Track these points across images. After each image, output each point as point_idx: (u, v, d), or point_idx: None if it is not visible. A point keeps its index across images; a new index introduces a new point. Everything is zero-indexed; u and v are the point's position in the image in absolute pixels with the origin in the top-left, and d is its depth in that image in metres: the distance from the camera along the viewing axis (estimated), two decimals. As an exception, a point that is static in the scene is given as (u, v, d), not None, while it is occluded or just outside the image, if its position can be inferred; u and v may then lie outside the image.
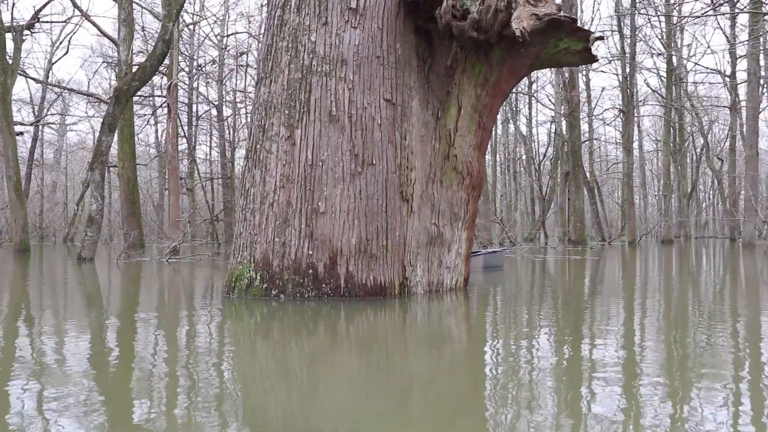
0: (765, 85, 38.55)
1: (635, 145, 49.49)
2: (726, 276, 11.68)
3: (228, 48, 38.29)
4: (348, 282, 6.90)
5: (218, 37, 38.65)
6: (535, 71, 19.35)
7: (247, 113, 42.96)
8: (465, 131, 8.01)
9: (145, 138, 43.75)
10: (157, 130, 42.67)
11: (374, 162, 7.04)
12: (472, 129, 8.08)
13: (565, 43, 8.14)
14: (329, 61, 7.07)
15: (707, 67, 39.22)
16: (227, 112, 41.76)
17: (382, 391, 3.38)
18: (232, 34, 32.72)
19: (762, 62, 37.89)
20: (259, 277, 6.99)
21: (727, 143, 47.64)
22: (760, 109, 39.81)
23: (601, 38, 8.27)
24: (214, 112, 40.94)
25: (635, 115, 33.80)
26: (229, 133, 42.61)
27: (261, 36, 8.53)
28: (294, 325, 5.56)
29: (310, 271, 6.86)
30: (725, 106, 42.68)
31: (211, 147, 44.25)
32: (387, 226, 7.08)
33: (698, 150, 48.69)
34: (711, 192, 62.14)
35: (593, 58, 8.37)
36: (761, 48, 25.12)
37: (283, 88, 7.17)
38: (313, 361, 4.16)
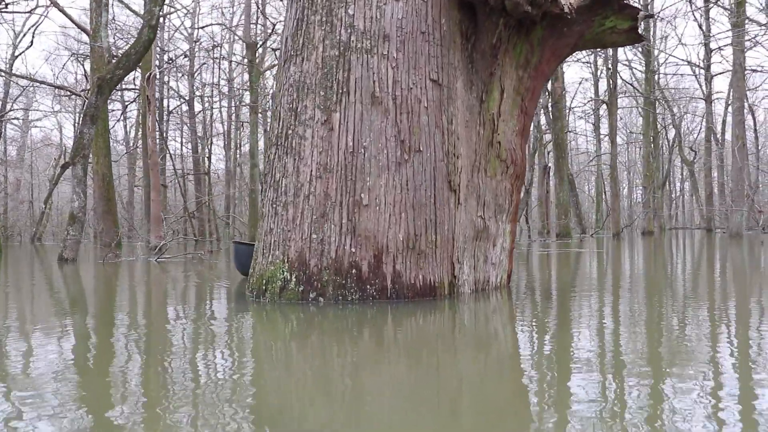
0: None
1: (606, 138, 49.71)
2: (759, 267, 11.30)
3: (200, 41, 37.08)
4: (395, 282, 6.20)
5: (189, 30, 37.40)
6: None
7: (221, 108, 41.88)
8: (508, 116, 7.37)
9: (114, 134, 42.18)
10: (125, 126, 41.16)
11: (421, 149, 6.35)
12: (514, 114, 7.45)
13: (611, 22, 7.57)
14: (370, 36, 6.34)
15: (683, 59, 39.35)
16: (198, 107, 40.57)
17: (443, 417, 2.71)
18: (206, 26, 31.53)
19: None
20: (294, 279, 6.23)
21: (701, 135, 48.22)
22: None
23: (651, 16, 7.74)
24: (185, 107, 39.71)
25: (617, 106, 33.68)
26: (202, 129, 41.41)
27: (285, 8, 7.73)
28: (336, 333, 4.88)
29: (353, 270, 6.14)
30: (700, 98, 43.00)
31: (182, 143, 42.90)
32: (436, 219, 6.40)
33: (670, 142, 49.05)
34: (680, 183, 62.91)
35: (640, 38, 7.81)
36: (746, 39, 25.06)
37: (317, 67, 6.42)
38: (357, 374, 3.60)
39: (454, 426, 2.61)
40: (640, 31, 7.71)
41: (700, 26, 38.07)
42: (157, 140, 21.83)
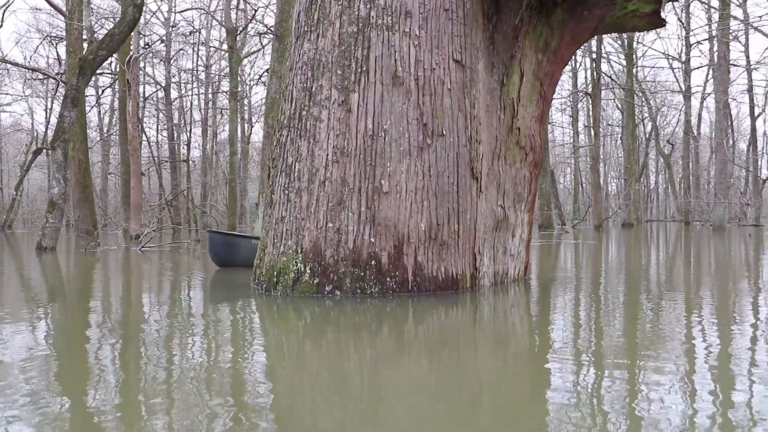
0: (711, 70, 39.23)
1: (583, 130, 49.88)
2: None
3: (177, 26, 36.12)
4: (416, 274, 5.84)
5: (166, 15, 36.42)
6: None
7: (199, 94, 40.94)
8: (527, 101, 7.05)
9: (86, 120, 40.99)
10: (99, 112, 40.04)
11: (444, 133, 5.98)
12: (533, 99, 7.12)
13: (633, 5, 7.28)
14: (391, 12, 5.94)
15: (663, 53, 39.49)
16: (174, 94, 39.60)
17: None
18: (184, 11, 30.63)
19: (716, 48, 38.56)
20: (308, 271, 5.83)
21: (677, 128, 48.60)
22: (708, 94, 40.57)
23: (674, -2, 7.43)
24: (160, 94, 38.72)
25: (601, 98, 33.66)
26: (178, 116, 40.45)
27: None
28: (354, 329, 4.54)
29: (373, 262, 5.77)
30: (676, 91, 43.27)
31: (158, 130, 41.88)
32: (458, 208, 6.05)
33: (647, 135, 49.36)
34: (654, 176, 63.51)
35: (661, 22, 7.52)
36: (731, 32, 25.13)
37: (333, 44, 6.00)
38: (375, 374, 3.34)
39: None
40: (662, 15, 7.43)
41: (680, 20, 38.21)
42: (137, 125, 21.11)
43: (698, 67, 39.93)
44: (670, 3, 7.48)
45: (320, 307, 5.40)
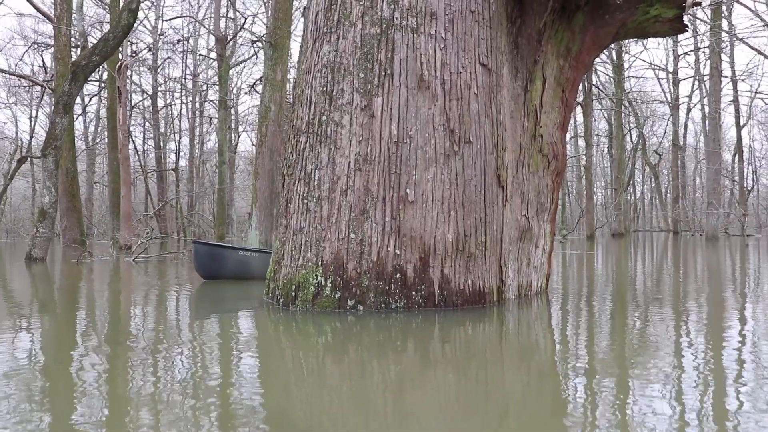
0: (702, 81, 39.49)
1: (569, 141, 49.99)
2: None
3: (165, 34, 35.71)
4: (443, 288, 5.55)
5: (153, 23, 35.98)
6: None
7: (186, 103, 40.46)
8: (549, 108, 6.82)
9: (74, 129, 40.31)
10: (85, 120, 39.40)
11: (471, 140, 5.72)
12: (555, 105, 6.90)
13: (656, 10, 7.09)
14: (416, 13, 5.68)
15: (650, 63, 39.75)
16: (160, 102, 39.11)
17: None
18: (172, 18, 30.25)
19: (701, 60, 38.87)
20: (330, 284, 5.52)
21: (663, 139, 48.92)
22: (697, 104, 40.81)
23: (698, 4, 7.26)
24: (147, 102, 38.20)
25: (592, 108, 33.72)
26: (164, 125, 39.92)
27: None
28: (377, 346, 4.28)
29: (398, 275, 5.47)
30: (664, 102, 43.54)
31: (144, 139, 41.29)
32: (485, 218, 5.78)
33: (634, 145, 49.62)
34: (641, 186, 63.82)
35: (683, 28, 7.35)
36: (723, 44, 25.25)
37: (355, 46, 5.72)
38: (400, 396, 3.11)
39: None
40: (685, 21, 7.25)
41: (668, 31, 38.41)
42: (129, 133, 20.68)
43: (685, 78, 40.19)
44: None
45: (342, 323, 5.10)
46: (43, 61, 30.53)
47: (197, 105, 39.82)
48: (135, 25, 29.13)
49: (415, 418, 2.74)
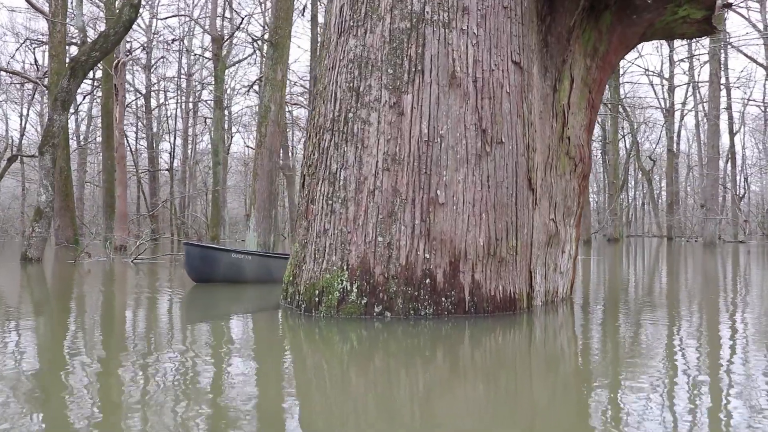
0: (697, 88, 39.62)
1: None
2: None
3: (159, 33, 35.31)
4: (474, 294, 5.32)
5: (147, 21, 35.57)
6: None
7: (178, 103, 40.04)
8: (576, 109, 6.62)
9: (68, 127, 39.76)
10: (77, 119, 38.88)
11: (503, 140, 5.50)
12: (582, 106, 6.70)
13: (684, 10, 6.91)
14: (447, 7, 5.46)
15: (645, 69, 39.79)
16: (154, 102, 38.65)
17: None
18: (167, 17, 29.89)
19: (696, 67, 39.00)
20: (356, 289, 5.27)
21: (657, 145, 49.00)
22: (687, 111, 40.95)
23: (729, 5, 7.09)
24: (140, 101, 37.77)
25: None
26: (157, 124, 39.47)
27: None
28: (405, 355, 4.06)
29: (427, 280, 5.23)
30: (658, 108, 43.62)
31: (137, 139, 40.81)
32: (517, 221, 5.57)
33: (627, 150, 49.69)
34: (633, 192, 63.98)
35: (712, 30, 7.17)
36: (721, 50, 25.27)
37: (383, 41, 5.49)
38: (428, 407, 2.97)
39: None
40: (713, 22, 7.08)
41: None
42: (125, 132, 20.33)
43: (680, 85, 40.27)
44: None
45: (368, 330, 4.86)
46: (35, 58, 30.05)
47: (191, 105, 39.43)
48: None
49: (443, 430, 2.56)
